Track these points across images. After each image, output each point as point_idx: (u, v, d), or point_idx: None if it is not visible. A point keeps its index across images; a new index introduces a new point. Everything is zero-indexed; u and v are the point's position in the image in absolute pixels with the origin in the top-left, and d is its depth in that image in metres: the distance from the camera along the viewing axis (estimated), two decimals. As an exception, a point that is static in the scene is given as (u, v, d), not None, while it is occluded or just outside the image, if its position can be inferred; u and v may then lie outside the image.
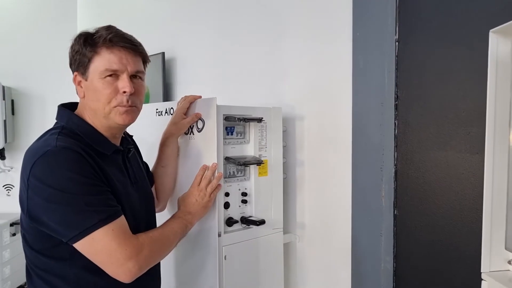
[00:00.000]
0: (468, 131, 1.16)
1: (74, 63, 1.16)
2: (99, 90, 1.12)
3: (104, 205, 1.05)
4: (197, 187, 1.33)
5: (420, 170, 1.27)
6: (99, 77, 1.12)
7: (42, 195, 1.01)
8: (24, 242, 1.13)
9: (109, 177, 1.12)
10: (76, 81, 1.18)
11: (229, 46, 2.04)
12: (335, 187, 1.53)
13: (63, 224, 1.02)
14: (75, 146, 1.06)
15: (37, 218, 1.03)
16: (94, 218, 1.02)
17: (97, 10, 3.63)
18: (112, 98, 1.13)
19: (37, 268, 1.12)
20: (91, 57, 1.12)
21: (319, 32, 1.56)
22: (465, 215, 1.17)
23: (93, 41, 1.12)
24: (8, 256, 3.48)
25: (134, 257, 1.06)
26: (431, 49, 1.23)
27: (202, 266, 1.41)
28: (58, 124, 1.16)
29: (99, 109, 1.14)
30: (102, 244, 1.03)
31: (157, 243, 1.15)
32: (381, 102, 1.34)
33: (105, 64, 1.11)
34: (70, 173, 1.02)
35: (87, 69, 1.13)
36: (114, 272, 1.06)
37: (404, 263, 1.32)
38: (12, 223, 3.55)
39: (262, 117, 1.43)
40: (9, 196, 3.83)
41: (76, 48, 1.14)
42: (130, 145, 1.31)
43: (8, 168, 3.82)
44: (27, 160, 1.06)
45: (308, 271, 1.65)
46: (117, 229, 1.05)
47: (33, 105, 3.85)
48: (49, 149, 1.03)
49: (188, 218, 1.29)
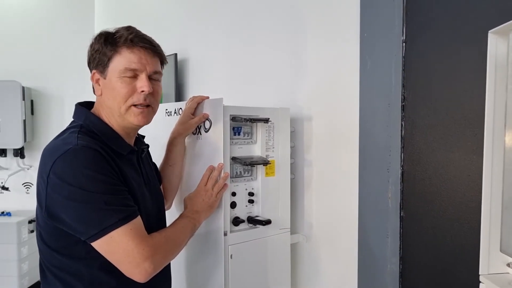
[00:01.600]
0: (475, 132, 1.14)
1: (93, 61, 1.19)
2: (116, 88, 1.14)
3: (123, 205, 1.07)
4: (204, 187, 1.34)
5: (426, 172, 1.26)
6: (117, 76, 1.14)
7: (62, 193, 1.02)
8: (40, 239, 1.15)
9: (126, 177, 1.14)
10: (94, 79, 1.20)
11: (240, 47, 2.06)
12: (342, 188, 1.53)
13: (82, 222, 1.04)
14: (95, 145, 1.08)
15: (56, 216, 1.05)
16: (113, 217, 1.03)
17: (113, 12, 3.69)
18: (129, 97, 1.15)
19: (52, 266, 1.13)
20: (111, 56, 1.14)
21: (327, 33, 1.56)
22: (471, 218, 1.16)
23: (114, 40, 1.15)
24: (26, 253, 3.57)
25: (150, 257, 1.07)
26: (439, 50, 1.22)
27: (209, 265, 1.42)
28: (75, 123, 1.18)
29: (115, 108, 1.16)
30: (120, 244, 1.04)
31: (170, 243, 1.17)
32: (388, 103, 1.34)
33: (125, 63, 1.14)
34: (91, 171, 1.03)
35: (106, 67, 1.15)
36: (130, 272, 1.07)
37: (410, 264, 1.31)
38: (30, 220, 3.64)
39: (268, 117, 1.44)
40: (28, 194, 3.93)
41: (96, 47, 1.17)
42: (143, 145, 1.33)
43: (27, 166, 3.92)
44: (46, 158, 1.08)
45: (315, 272, 1.65)
46: (135, 229, 1.06)
47: (51, 105, 3.96)
48: (71, 147, 1.04)
49: (196, 217, 1.30)
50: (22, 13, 3.94)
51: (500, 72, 0.77)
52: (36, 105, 3.92)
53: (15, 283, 3.48)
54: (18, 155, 3.83)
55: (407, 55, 1.30)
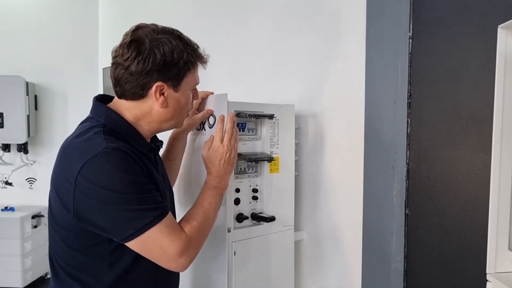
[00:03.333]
0: (482, 130, 1.13)
1: (166, 71, 1.12)
2: (186, 102, 1.21)
3: (156, 203, 1.07)
4: (221, 144, 1.29)
5: (432, 169, 1.25)
6: (189, 91, 1.21)
7: (95, 196, 1.02)
8: (58, 239, 1.12)
9: (153, 175, 1.15)
10: (157, 90, 1.12)
11: (242, 42, 2.04)
12: (346, 185, 1.52)
13: (118, 224, 1.04)
14: (124, 147, 1.07)
15: (87, 219, 1.04)
16: (148, 217, 1.04)
17: (117, 6, 3.68)
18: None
19: (69, 265, 1.12)
20: (189, 69, 1.18)
21: (333, 29, 1.55)
22: (478, 216, 1.15)
23: (197, 57, 1.21)
24: (30, 248, 3.58)
25: (185, 251, 1.09)
26: (446, 46, 1.21)
27: (212, 262, 1.42)
28: (95, 120, 1.14)
29: (179, 120, 1.23)
30: (156, 241, 1.06)
31: (203, 228, 1.18)
32: (394, 99, 1.32)
33: (196, 80, 1.23)
34: (123, 173, 1.03)
35: (181, 80, 1.17)
36: (169, 266, 1.11)
37: (415, 263, 1.30)
38: (34, 215, 3.65)
39: (273, 113, 1.43)
40: (31, 189, 3.93)
41: (175, 59, 1.12)
42: (158, 142, 1.32)
43: (31, 161, 3.93)
44: (72, 159, 1.06)
45: (319, 270, 1.64)
46: (169, 225, 1.08)
47: (55, 101, 3.96)
48: (101, 150, 1.03)
49: (222, 185, 1.28)
50: (26, 8, 3.93)
51: (510, 68, 0.75)
52: (40, 101, 3.91)
53: (18, 278, 3.49)
54: (22, 151, 3.83)
55: (413, 52, 1.28)
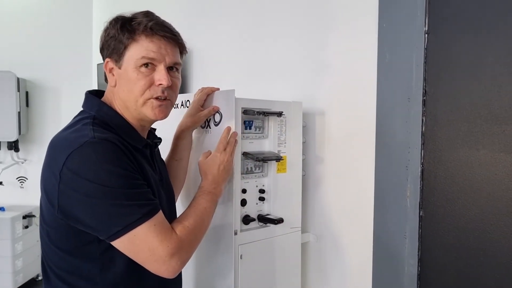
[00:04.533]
0: (503, 129, 1.09)
1: (107, 48, 1.09)
2: (133, 80, 1.06)
3: (146, 199, 1.00)
4: (223, 152, 1.24)
5: (448, 170, 1.20)
6: (134, 66, 1.06)
7: (79, 189, 0.95)
8: (47, 240, 1.06)
9: (145, 172, 1.07)
10: (107, 68, 1.11)
11: (248, 38, 1.98)
12: (356, 186, 1.46)
13: (103, 220, 0.96)
14: (113, 138, 1.00)
15: (71, 214, 0.97)
16: (136, 213, 0.96)
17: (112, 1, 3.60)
18: (146, 90, 1.07)
19: (59, 268, 1.05)
20: (128, 44, 1.06)
21: (342, 24, 1.49)
22: (497, 219, 1.11)
23: (132, 27, 1.06)
24: (21, 249, 3.49)
25: (176, 253, 1.00)
26: (463, 41, 1.17)
27: (218, 265, 1.36)
28: (87, 113, 1.09)
29: (131, 101, 1.08)
30: (144, 241, 0.97)
31: (196, 232, 1.10)
32: (408, 97, 1.28)
33: (142, 52, 1.05)
34: (110, 165, 0.96)
35: (122, 56, 1.07)
36: (157, 270, 1.00)
37: (429, 267, 1.25)
38: (24, 215, 3.56)
39: (282, 111, 1.37)
40: (22, 188, 3.84)
41: (111, 33, 1.08)
42: (156, 138, 1.25)
43: (21, 160, 3.83)
44: (57, 152, 1.00)
45: (327, 273, 1.59)
46: (159, 224, 0.99)
47: (47, 97, 3.86)
48: (87, 140, 0.96)
49: (217, 191, 1.22)
50: (18, 3, 3.84)
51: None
52: (32, 97, 3.81)
53: (9, 280, 3.39)
54: (13, 148, 3.73)
55: (429, 47, 1.24)
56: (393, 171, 1.32)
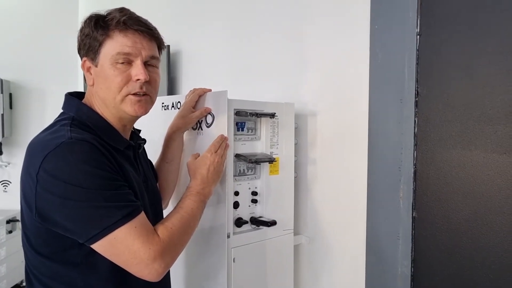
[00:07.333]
0: (496, 129, 1.10)
1: (83, 47, 1.08)
2: (109, 77, 1.03)
3: (125, 200, 0.97)
4: (214, 153, 1.22)
5: (441, 171, 1.21)
6: (110, 63, 1.03)
7: (56, 191, 0.92)
8: (27, 245, 1.03)
9: (126, 173, 1.04)
10: (85, 67, 1.09)
11: (239, 39, 1.97)
12: (349, 187, 1.46)
13: (81, 222, 0.93)
14: (91, 138, 0.98)
15: (49, 217, 0.94)
16: (115, 215, 0.93)
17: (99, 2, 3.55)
18: (124, 86, 1.04)
19: (41, 274, 1.02)
20: (102, 41, 1.04)
21: (335, 24, 1.49)
22: (490, 219, 1.11)
23: (105, 23, 1.04)
24: (4, 254, 3.39)
25: (159, 256, 0.96)
26: (455, 42, 1.17)
27: (210, 269, 1.34)
28: (66, 115, 1.07)
29: (109, 99, 1.05)
30: (124, 244, 0.94)
31: (181, 233, 1.06)
32: (400, 98, 1.28)
33: (117, 48, 1.03)
34: (87, 166, 0.93)
35: (98, 54, 1.05)
36: (140, 274, 0.97)
37: (422, 268, 1.25)
38: (8, 220, 3.47)
39: (275, 112, 1.36)
40: (5, 192, 3.75)
41: (86, 31, 1.06)
42: (140, 140, 1.23)
43: (5, 163, 3.74)
44: (34, 154, 0.97)
45: (320, 275, 1.58)
46: (140, 227, 0.96)
47: (32, 99, 3.77)
48: (63, 141, 0.94)
49: (206, 192, 1.19)
50: (1, 4, 3.75)
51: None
52: (15, 99, 3.72)
53: (-8, 286, 3.31)
54: (-5, 152, 3.65)
55: (421, 48, 1.24)
56: (385, 172, 1.32)
